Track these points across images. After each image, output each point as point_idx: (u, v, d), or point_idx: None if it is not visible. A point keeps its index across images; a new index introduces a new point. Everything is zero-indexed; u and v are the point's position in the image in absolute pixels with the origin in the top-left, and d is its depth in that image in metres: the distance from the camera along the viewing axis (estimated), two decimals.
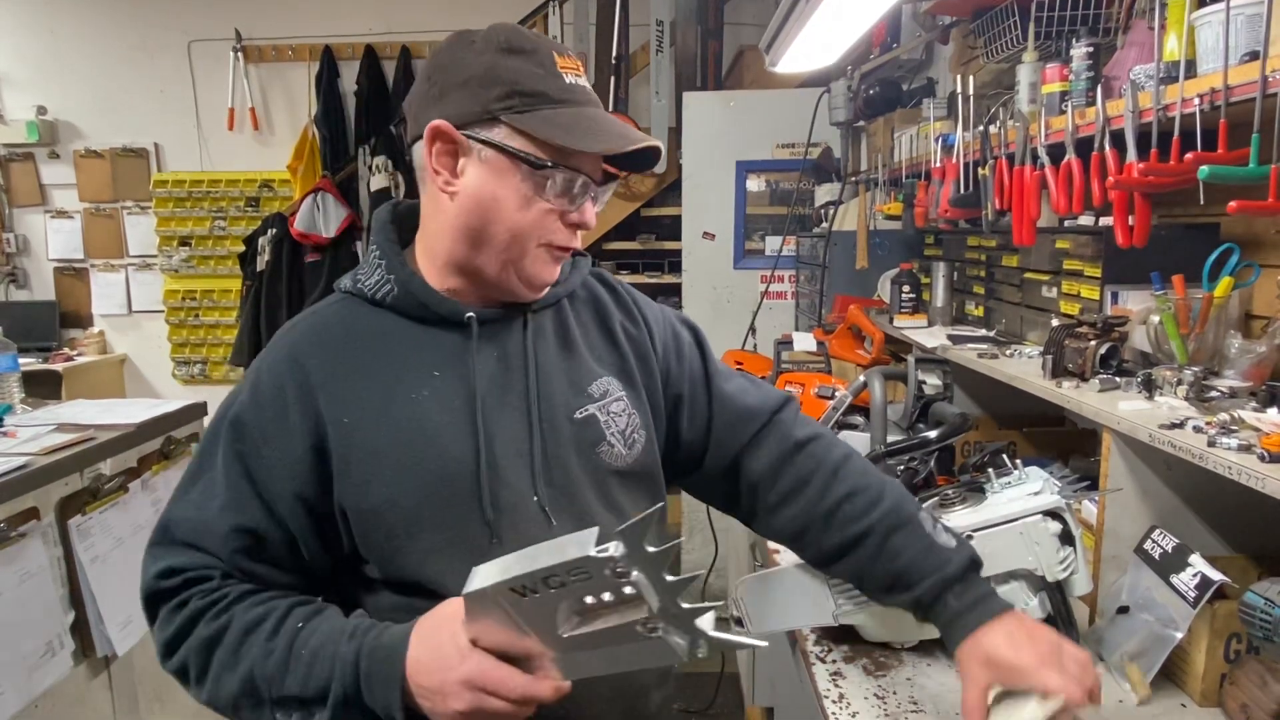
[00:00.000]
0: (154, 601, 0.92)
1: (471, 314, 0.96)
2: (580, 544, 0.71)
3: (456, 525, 0.91)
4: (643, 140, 0.93)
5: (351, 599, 0.95)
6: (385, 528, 0.90)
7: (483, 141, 0.90)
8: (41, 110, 5.06)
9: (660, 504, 0.71)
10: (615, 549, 0.70)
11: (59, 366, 4.72)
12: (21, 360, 2.15)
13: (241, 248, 4.53)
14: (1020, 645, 0.91)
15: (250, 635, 0.87)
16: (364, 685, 0.83)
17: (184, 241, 5.11)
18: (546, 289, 1.00)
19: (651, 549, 0.71)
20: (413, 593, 0.90)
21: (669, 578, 0.73)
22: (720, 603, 0.79)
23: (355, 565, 0.94)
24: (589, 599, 0.73)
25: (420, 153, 0.94)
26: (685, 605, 0.75)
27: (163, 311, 5.21)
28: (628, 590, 0.72)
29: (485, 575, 0.77)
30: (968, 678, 0.93)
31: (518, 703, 0.78)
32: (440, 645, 0.80)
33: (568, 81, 0.92)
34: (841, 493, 1.04)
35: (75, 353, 5.03)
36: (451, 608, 0.81)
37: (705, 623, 0.76)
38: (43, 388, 4.40)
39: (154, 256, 5.18)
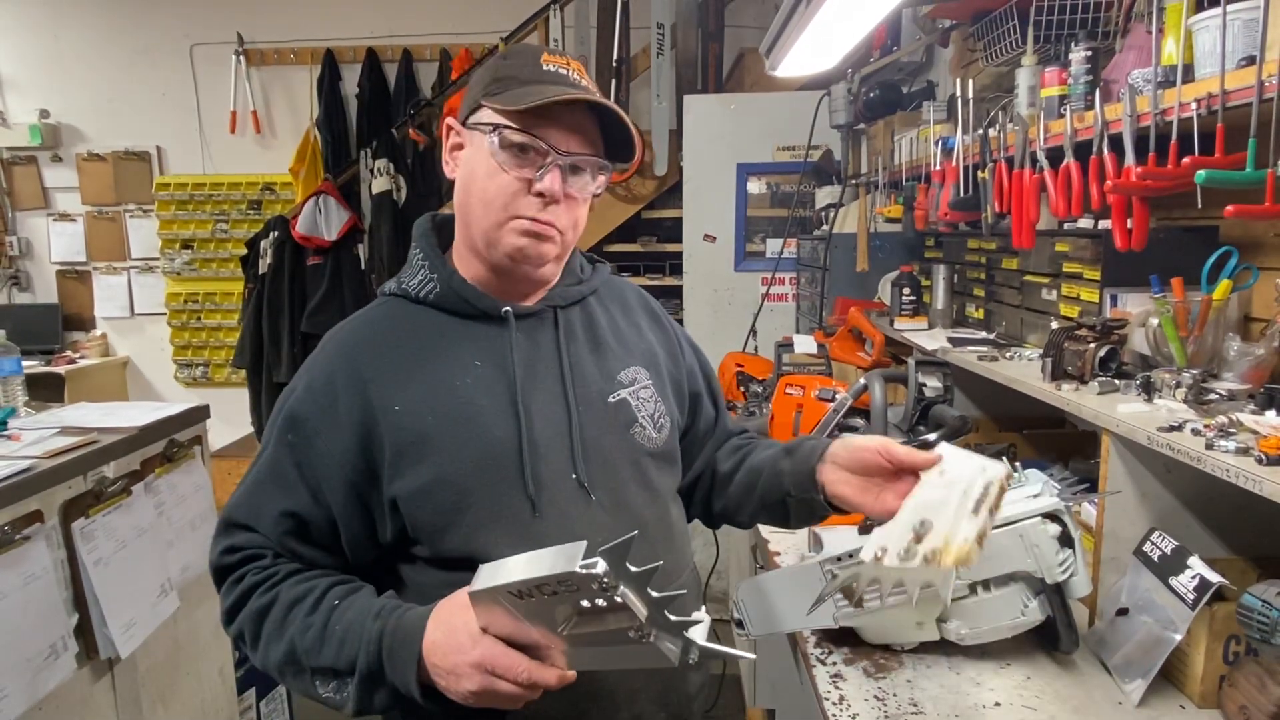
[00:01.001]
0: (219, 575, 1.02)
1: (508, 308, 1.04)
2: (568, 558, 0.75)
3: (501, 500, 0.98)
4: (584, 94, 0.98)
5: (398, 578, 1.03)
6: (435, 505, 0.97)
7: (471, 126, 1.01)
8: (44, 113, 5.08)
9: (634, 532, 0.77)
10: (599, 567, 0.74)
11: (61, 369, 4.73)
12: (24, 363, 2.16)
13: (243, 250, 4.53)
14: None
15: (293, 610, 0.95)
16: (386, 661, 0.89)
17: (186, 244, 5.12)
18: (541, 267, 1.04)
19: (634, 568, 0.75)
20: (460, 567, 0.95)
21: (654, 593, 0.77)
22: (702, 616, 0.82)
23: (402, 547, 1.01)
24: (585, 603, 0.77)
25: None
26: (674, 617, 0.79)
27: (165, 314, 5.22)
28: (618, 599, 0.76)
29: (490, 575, 0.81)
30: (865, 449, 1.00)
31: (524, 686, 0.83)
32: (454, 630, 0.87)
33: (545, 69, 1.00)
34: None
35: (78, 355, 5.03)
36: (465, 595, 0.86)
37: (697, 633, 0.80)
38: (45, 390, 4.41)
39: (156, 259, 5.19)
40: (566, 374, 1.05)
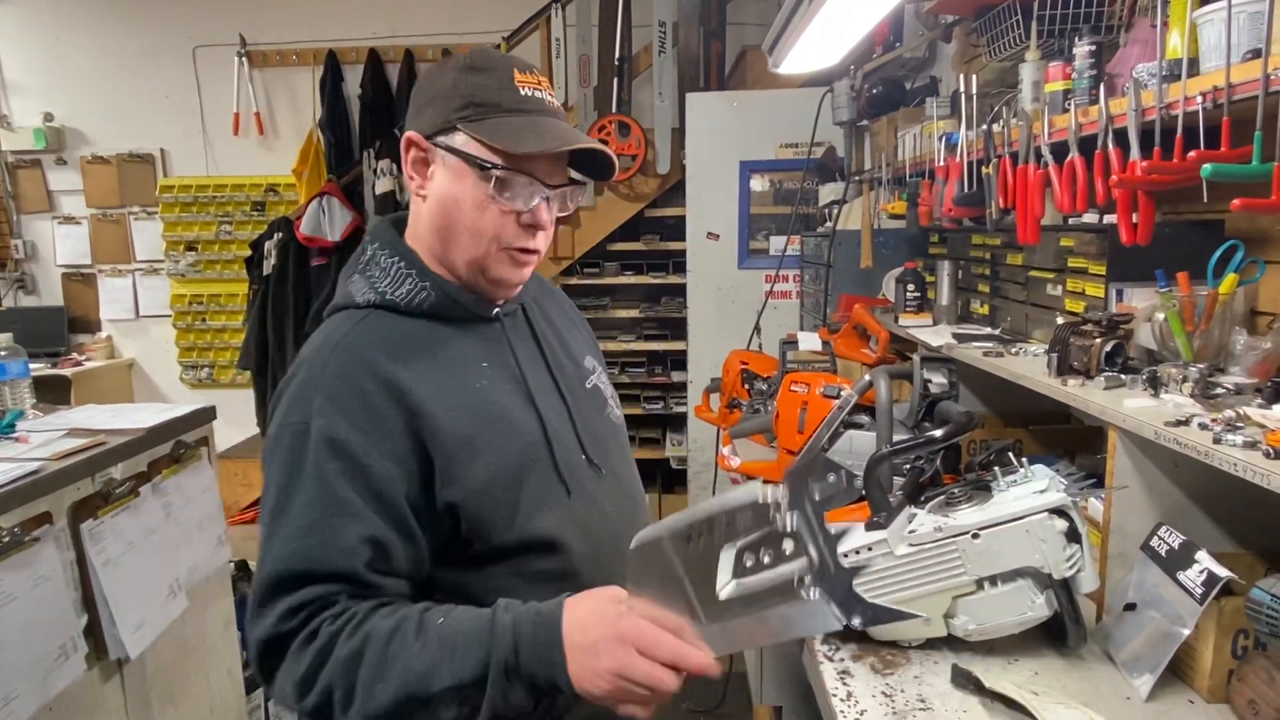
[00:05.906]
0: (278, 646, 0.90)
1: (497, 309, 1.11)
2: (747, 492, 0.79)
3: (545, 488, 1.05)
4: (583, 141, 1.04)
5: (458, 589, 1.00)
6: (493, 501, 1.01)
7: (445, 148, 1.02)
8: (49, 117, 5.09)
9: (823, 446, 0.90)
10: (778, 493, 0.78)
11: (68, 371, 4.74)
12: (31, 365, 2.16)
13: (248, 252, 4.54)
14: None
15: (393, 642, 0.88)
16: (524, 650, 0.86)
17: (190, 246, 5.13)
18: (516, 288, 1.12)
19: (817, 495, 0.80)
20: (524, 552, 1.02)
21: (831, 528, 0.81)
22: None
23: (455, 553, 1.01)
24: (749, 561, 0.79)
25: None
26: (846, 563, 0.82)
27: (170, 316, 5.23)
28: (787, 548, 0.78)
29: (651, 530, 0.86)
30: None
31: (666, 664, 0.83)
32: (599, 604, 0.89)
33: (523, 94, 1.02)
34: None
35: (83, 357, 5.05)
36: (609, 590, 0.91)
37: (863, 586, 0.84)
38: (52, 393, 4.42)
39: (161, 261, 5.20)
40: (553, 366, 1.14)
